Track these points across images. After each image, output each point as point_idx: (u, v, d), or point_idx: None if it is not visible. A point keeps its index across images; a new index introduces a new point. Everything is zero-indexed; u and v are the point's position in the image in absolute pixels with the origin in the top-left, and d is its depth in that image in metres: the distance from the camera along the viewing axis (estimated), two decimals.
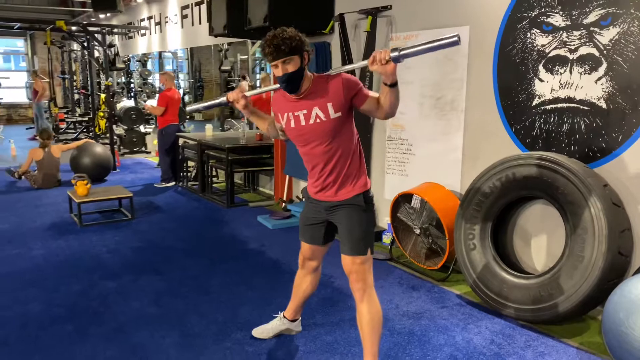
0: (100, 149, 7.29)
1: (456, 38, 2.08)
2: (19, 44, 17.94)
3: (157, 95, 8.28)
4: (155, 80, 12.48)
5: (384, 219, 4.77)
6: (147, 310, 3.38)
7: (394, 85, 2.23)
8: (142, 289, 3.69)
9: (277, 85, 2.49)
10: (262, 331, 3.04)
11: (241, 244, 4.71)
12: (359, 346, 2.84)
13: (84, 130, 11.49)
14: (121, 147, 10.14)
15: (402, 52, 2.12)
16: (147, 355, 2.82)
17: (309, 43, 2.42)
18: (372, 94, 2.40)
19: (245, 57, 9.24)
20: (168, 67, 16.33)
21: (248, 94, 2.60)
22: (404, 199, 4.16)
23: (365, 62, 2.27)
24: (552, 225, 3.43)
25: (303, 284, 2.89)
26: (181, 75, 17.28)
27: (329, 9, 5.10)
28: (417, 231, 4.07)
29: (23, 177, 7.14)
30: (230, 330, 3.10)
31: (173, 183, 7.24)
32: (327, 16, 5.03)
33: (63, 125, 11.98)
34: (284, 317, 3.04)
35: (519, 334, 3.09)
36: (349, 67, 2.44)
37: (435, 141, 4.27)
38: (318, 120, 2.38)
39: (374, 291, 2.51)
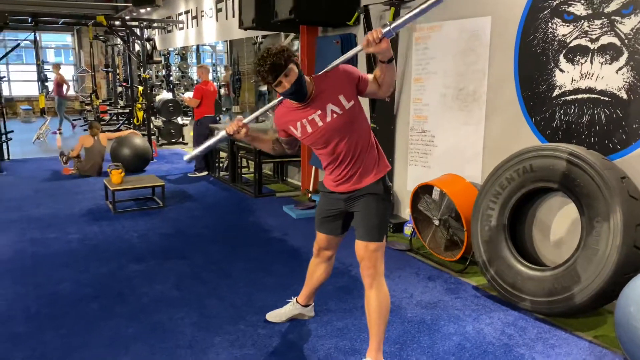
0: (139, 140, 7.55)
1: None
2: (68, 39, 18.69)
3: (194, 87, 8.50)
4: (193, 73, 12.77)
5: (405, 210, 4.79)
6: (169, 292, 3.53)
7: (390, 60, 2.28)
8: (167, 273, 3.86)
9: (275, 102, 2.55)
10: (276, 315, 3.14)
11: (264, 232, 4.83)
12: (368, 332, 2.90)
13: (126, 122, 11.90)
14: (159, 138, 10.47)
15: (393, 25, 2.17)
16: (165, 334, 2.96)
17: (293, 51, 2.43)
18: (370, 76, 2.43)
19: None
20: (208, 61, 16.68)
21: (247, 120, 2.56)
22: (423, 190, 4.18)
23: (359, 48, 2.31)
24: (570, 218, 3.38)
25: (317, 271, 2.96)
26: (220, 69, 17.60)
27: (355, 0, 5.12)
28: (436, 222, 4.08)
29: (70, 161, 7.49)
30: (245, 314, 3.22)
31: (206, 173, 7.45)
32: (352, 8, 5.05)
33: (106, 117, 12.44)
34: (297, 302, 3.13)
35: (532, 326, 3.08)
36: (344, 57, 2.45)
37: (457, 132, 4.25)
38: (335, 116, 2.41)
39: (384, 279, 2.56)
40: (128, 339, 2.92)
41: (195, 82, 11.73)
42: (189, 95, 8.47)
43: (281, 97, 2.50)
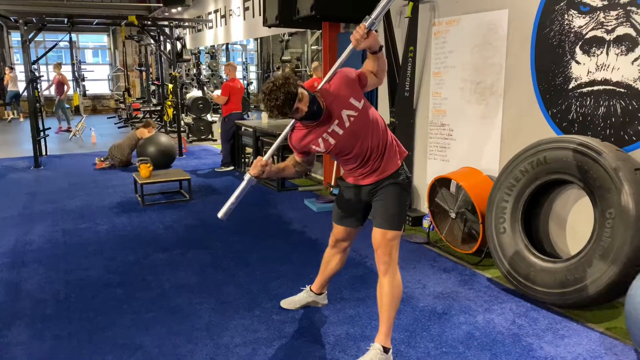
0: (165, 138, 7.77)
1: None
2: (104, 39, 19.25)
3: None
4: (222, 71, 12.99)
5: (424, 204, 4.82)
6: (190, 279, 3.67)
7: (380, 49, 2.40)
8: (189, 261, 4.01)
9: (288, 129, 2.57)
10: (290, 302, 3.24)
11: (285, 224, 4.94)
12: (379, 320, 2.97)
13: (157, 119, 12.22)
14: (189, 135, 10.73)
15: (372, 17, 2.32)
16: (182, 318, 3.10)
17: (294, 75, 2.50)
18: (364, 70, 2.50)
19: (315, 47, 9.41)
20: (238, 60, 16.95)
21: (266, 157, 2.61)
22: (440, 183, 4.21)
23: (350, 47, 2.41)
24: (584, 210, 3.37)
25: (332, 261, 3.04)
26: (251, 67, 17.86)
27: None
28: (453, 215, 4.10)
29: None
30: (261, 300, 3.33)
31: (232, 167, 7.62)
32: (373, 3, 5.08)
33: (139, 115, 12.79)
34: (311, 290, 3.21)
35: (544, 317, 3.09)
36: (339, 61, 2.50)
37: (475, 126, 4.27)
38: (352, 119, 2.46)
39: (398, 268, 2.62)
40: (148, 321, 3.06)
41: (224, 80, 11.96)
42: (217, 93, 8.66)
43: (293, 122, 2.54)
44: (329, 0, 5.02)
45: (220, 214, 2.67)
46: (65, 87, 12.25)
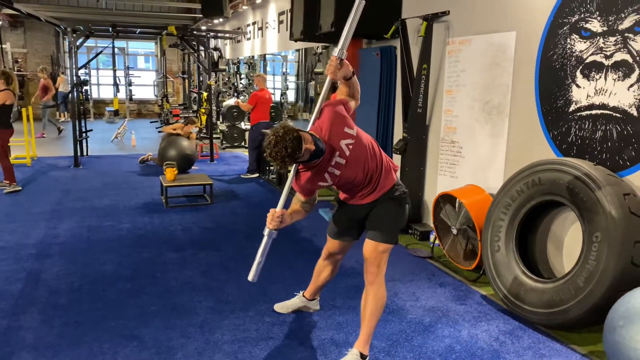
0: (185, 142, 8.06)
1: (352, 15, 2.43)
2: (153, 46, 20.06)
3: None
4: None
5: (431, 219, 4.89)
6: (195, 278, 3.88)
7: (353, 74, 2.57)
8: (198, 261, 4.22)
9: (293, 174, 2.60)
10: (283, 306, 3.39)
11: (295, 231, 5.11)
12: None
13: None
14: (223, 142, 11.08)
15: (339, 48, 2.48)
16: (181, 314, 3.30)
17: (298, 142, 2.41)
18: (343, 97, 2.64)
19: None
20: (281, 70, 17.29)
21: (279, 208, 2.66)
22: (444, 199, 4.28)
23: (328, 79, 2.58)
24: (579, 232, 3.38)
25: (324, 272, 3.18)
26: (290, 78, 18.18)
27: (397, 14, 5.29)
28: (454, 231, 4.17)
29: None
30: (257, 302, 3.50)
31: (257, 175, 7.86)
32: (393, 21, 5.21)
33: (180, 120, 13.29)
34: (303, 295, 3.36)
35: (529, 336, 3.13)
36: (322, 95, 2.64)
37: (482, 144, 4.33)
38: (351, 147, 2.55)
39: (384, 279, 2.74)
40: (150, 315, 3.28)
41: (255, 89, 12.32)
42: (242, 99, 8.98)
43: (294, 169, 2.56)
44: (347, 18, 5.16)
45: (250, 277, 2.67)
46: (49, 91, 11.99)
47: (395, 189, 2.73)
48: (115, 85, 13.31)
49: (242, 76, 12.67)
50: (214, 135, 10.25)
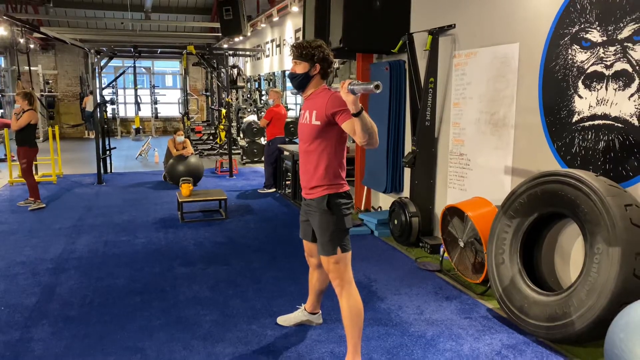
0: (194, 159, 8.20)
1: (372, 86, 2.19)
2: (178, 65, 20.54)
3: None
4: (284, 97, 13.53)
5: None
6: (203, 292, 3.95)
7: (357, 114, 2.37)
8: (207, 276, 4.29)
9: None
10: (285, 319, 3.42)
11: (302, 247, 5.13)
12: (365, 341, 3.10)
13: (212, 140, 12.89)
14: (243, 157, 11.24)
15: (350, 86, 2.31)
16: (186, 327, 3.36)
17: (326, 57, 2.72)
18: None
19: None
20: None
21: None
22: (452, 212, 4.27)
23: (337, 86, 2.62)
24: (582, 243, 3.33)
25: (312, 279, 3.24)
26: None
27: (405, 29, 5.34)
28: (462, 244, 4.15)
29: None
30: (261, 316, 3.54)
31: (273, 190, 7.94)
32: (400, 35, 5.26)
33: (203, 137, 13.55)
34: (305, 309, 3.39)
35: (532, 350, 3.08)
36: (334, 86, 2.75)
37: (489, 156, 4.31)
38: (305, 122, 2.78)
39: (353, 286, 2.76)
40: (155, 328, 3.35)
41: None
42: (253, 118, 9.09)
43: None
44: (355, 34, 5.24)
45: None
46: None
47: (322, 202, 2.72)
48: (137, 103, 13.66)
49: (263, 92, 12.86)
50: (234, 151, 10.41)
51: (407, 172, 5.43)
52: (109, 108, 9.15)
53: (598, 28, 3.24)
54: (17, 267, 4.50)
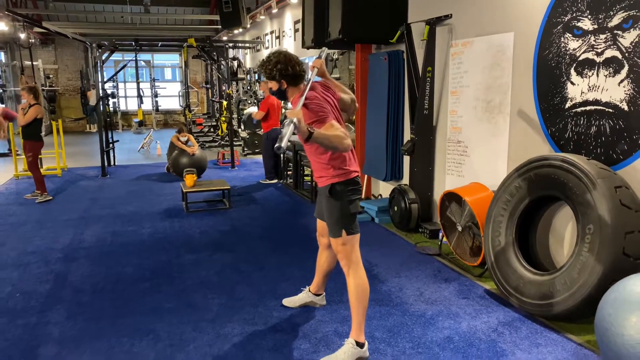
0: (197, 152, 8.29)
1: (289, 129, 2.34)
2: (178, 58, 20.60)
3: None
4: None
5: None
6: (210, 278, 4.09)
7: (307, 140, 2.46)
8: (213, 262, 4.43)
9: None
10: (290, 301, 3.56)
11: (309, 232, 5.27)
12: (367, 320, 3.24)
13: (213, 132, 12.99)
14: (244, 148, 11.35)
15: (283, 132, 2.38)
16: (195, 310, 3.50)
17: (286, 73, 2.82)
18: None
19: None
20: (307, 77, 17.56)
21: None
22: (449, 197, 4.39)
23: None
24: (573, 225, 3.46)
25: (321, 259, 3.37)
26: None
27: (403, 19, 5.44)
28: (460, 228, 4.28)
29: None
30: (266, 299, 3.67)
31: (275, 180, 8.06)
32: (395, 26, 5.35)
33: (204, 129, 13.66)
34: (309, 290, 3.53)
35: (527, 327, 3.22)
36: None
37: (486, 143, 4.43)
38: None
39: (360, 266, 2.89)
40: (165, 311, 3.49)
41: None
42: (253, 109, 9.16)
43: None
44: (354, 25, 5.34)
45: (277, 145, 2.45)
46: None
47: (327, 188, 2.85)
48: (139, 96, 13.76)
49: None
50: (235, 143, 10.53)
51: (406, 160, 5.55)
52: (110, 101, 9.21)
53: (589, 16, 3.35)
54: (28, 256, 4.64)
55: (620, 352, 2.52)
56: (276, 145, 2.33)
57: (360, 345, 2.84)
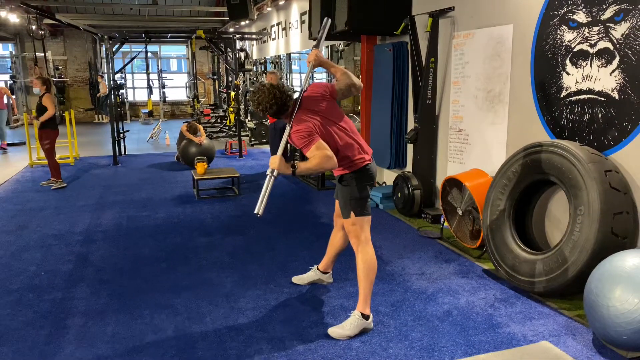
0: (206, 141, 8.50)
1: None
2: (185, 49, 20.78)
3: None
4: (288, 80, 13.79)
5: None
6: (223, 258, 4.32)
7: (294, 174, 3.00)
8: (225, 244, 4.66)
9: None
10: (299, 279, 3.79)
11: (316, 217, 5.50)
12: (371, 297, 3.44)
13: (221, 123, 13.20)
14: (251, 139, 11.56)
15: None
16: (210, 287, 3.73)
17: (268, 108, 2.99)
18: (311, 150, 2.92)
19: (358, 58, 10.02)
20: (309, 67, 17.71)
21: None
22: (450, 183, 4.59)
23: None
24: (567, 208, 3.65)
25: (335, 238, 3.58)
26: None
27: (407, 11, 5.61)
28: (460, 213, 4.48)
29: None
30: (277, 277, 3.90)
31: None
32: (400, 17, 5.52)
33: (211, 120, 13.86)
34: (317, 269, 3.75)
35: (522, 302, 3.43)
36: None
37: (486, 131, 4.62)
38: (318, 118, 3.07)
39: (369, 245, 3.11)
40: (182, 288, 3.73)
41: None
42: None
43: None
44: (360, 17, 5.52)
45: (256, 211, 3.16)
46: (7, 97, 11.51)
47: (343, 178, 3.12)
48: (149, 87, 13.97)
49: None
50: (243, 133, 10.73)
51: (409, 148, 5.75)
52: (119, 92, 9.43)
53: (583, 9, 3.53)
54: (50, 239, 4.88)
55: (606, 323, 2.73)
56: (255, 211, 2.98)
57: (365, 317, 3.06)
